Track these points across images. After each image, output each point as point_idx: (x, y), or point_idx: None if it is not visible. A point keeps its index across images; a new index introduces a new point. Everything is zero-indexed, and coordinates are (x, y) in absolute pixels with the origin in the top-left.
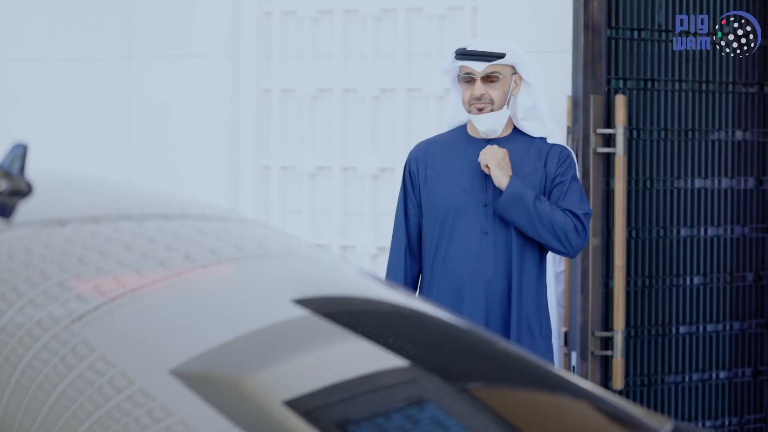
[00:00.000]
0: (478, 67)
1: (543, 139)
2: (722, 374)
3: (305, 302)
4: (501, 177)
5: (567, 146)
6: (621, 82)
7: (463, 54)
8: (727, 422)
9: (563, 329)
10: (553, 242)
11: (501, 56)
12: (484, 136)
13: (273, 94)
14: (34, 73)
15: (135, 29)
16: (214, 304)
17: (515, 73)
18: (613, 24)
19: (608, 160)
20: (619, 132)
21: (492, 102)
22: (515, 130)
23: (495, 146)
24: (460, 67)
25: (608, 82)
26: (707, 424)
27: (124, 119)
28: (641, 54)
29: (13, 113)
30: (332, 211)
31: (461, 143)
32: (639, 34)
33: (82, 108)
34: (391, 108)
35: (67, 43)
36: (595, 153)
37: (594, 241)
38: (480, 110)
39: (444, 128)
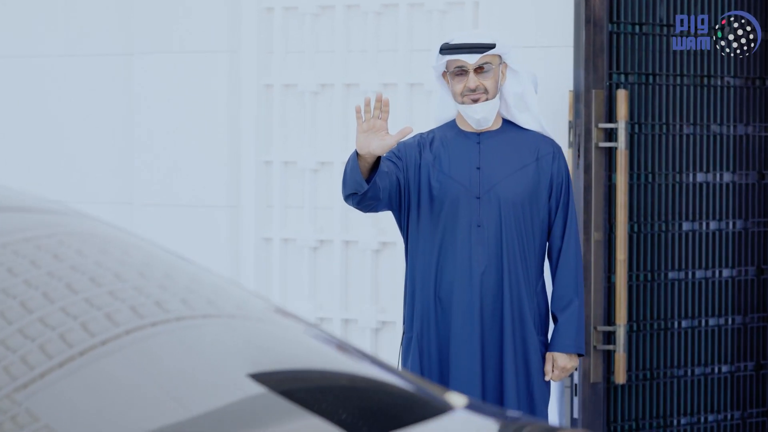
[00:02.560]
0: (471, 59)
1: (534, 132)
2: (724, 368)
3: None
4: (572, 362)
5: (553, 138)
6: (622, 77)
7: (453, 47)
8: (729, 416)
9: None
10: None
11: (492, 47)
12: (476, 127)
13: (274, 90)
14: (34, 70)
15: (136, 25)
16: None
17: (501, 62)
18: (615, 18)
19: (610, 154)
20: (621, 126)
21: (486, 92)
22: (505, 122)
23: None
24: (448, 61)
25: (610, 76)
26: (710, 418)
27: (125, 115)
28: (643, 48)
29: (12, 110)
30: (334, 206)
31: (452, 137)
32: (640, 29)
33: (82, 104)
34: (392, 103)
35: (67, 39)
36: (597, 147)
37: (596, 235)
38: (475, 101)
39: (432, 124)
